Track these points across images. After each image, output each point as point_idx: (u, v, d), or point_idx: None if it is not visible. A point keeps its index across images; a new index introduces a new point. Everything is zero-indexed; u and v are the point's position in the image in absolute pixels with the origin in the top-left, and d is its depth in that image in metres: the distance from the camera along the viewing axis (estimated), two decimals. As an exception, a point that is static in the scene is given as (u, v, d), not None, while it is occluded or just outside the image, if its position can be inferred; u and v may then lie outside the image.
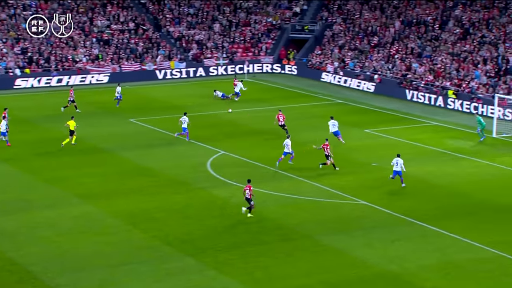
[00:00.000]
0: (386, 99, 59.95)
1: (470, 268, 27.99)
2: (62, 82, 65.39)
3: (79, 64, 67.43)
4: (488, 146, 45.49)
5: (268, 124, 50.27)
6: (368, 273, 27.60)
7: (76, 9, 72.76)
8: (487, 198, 35.85)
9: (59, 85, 64.89)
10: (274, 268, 28.01)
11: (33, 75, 65.28)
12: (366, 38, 69.61)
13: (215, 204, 35.16)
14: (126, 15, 74.09)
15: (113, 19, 73.21)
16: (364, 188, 37.38)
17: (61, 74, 66.13)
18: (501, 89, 54.47)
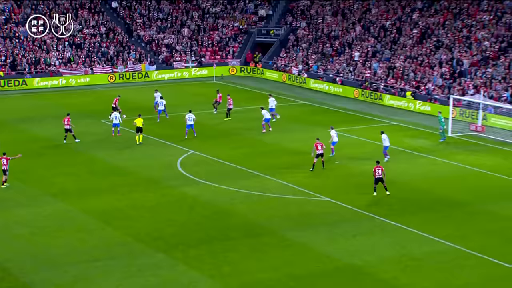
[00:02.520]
0: (348, 100, 60.33)
1: (427, 260, 28.33)
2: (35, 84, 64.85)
3: (52, 67, 66.88)
4: (444, 144, 46.02)
5: (235, 124, 50.44)
6: (332, 267, 27.81)
7: (49, 13, 72.11)
8: (443, 194, 36.29)
9: (33, 88, 64.33)
10: (242, 263, 28.08)
11: (5, 78, 64.59)
12: (329, 42, 70.00)
13: (185, 201, 35.15)
14: (97, 19, 73.62)
15: (85, 23, 72.69)
16: (327, 185, 37.61)
17: (34, 77, 65.55)
18: (456, 91, 55.12)
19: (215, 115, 53.80)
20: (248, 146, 45.37)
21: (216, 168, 40.68)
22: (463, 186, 37.52)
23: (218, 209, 34.06)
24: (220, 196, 35.89)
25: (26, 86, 64.94)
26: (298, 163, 41.36)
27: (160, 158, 42.49)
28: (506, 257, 28.36)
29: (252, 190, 36.77)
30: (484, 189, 37.06)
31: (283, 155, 43.26)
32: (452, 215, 33.42)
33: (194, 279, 26.64)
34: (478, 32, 60.57)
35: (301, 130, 49.25)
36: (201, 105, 57.13)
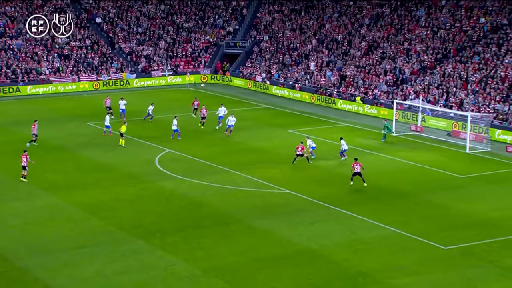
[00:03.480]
0: (306, 104, 60.50)
1: (374, 244, 28.52)
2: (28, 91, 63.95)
3: (42, 76, 66.05)
4: (389, 143, 46.37)
5: (207, 126, 50.24)
6: (292, 250, 27.86)
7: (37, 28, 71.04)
8: (388, 186, 36.57)
9: (26, 94, 63.43)
10: (213, 248, 28.01)
11: (1, 85, 63.58)
12: (288, 53, 70.14)
13: (162, 194, 34.94)
14: (83, 33, 72.80)
15: (72, 37, 71.84)
16: (288, 179, 37.67)
17: (27, 84, 64.64)
18: (398, 96, 55.57)
19: (189, 118, 53.47)
20: (219, 145, 45.27)
21: (191, 165, 40.51)
22: (405, 179, 37.86)
23: (192, 201, 33.94)
24: (194, 190, 35.76)
25: (20, 92, 64.02)
26: (262, 160, 41.38)
27: (140, 156, 42.17)
28: (443, 240, 28.69)
29: (222, 184, 36.69)
30: (423, 182, 37.44)
31: (249, 153, 43.25)
32: (397, 204, 33.69)
33: (171, 263, 26.50)
34: (417, 45, 61.18)
35: (264, 131, 49.27)
36: (177, 109, 56.80)
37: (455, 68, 55.87)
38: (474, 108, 49.69)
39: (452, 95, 52.85)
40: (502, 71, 52.81)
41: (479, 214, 32.05)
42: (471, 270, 25.87)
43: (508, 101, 49.56)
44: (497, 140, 46.28)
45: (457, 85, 53.85)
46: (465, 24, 60.64)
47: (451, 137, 47.45)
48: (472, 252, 27.49)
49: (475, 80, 53.31)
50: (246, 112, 56.10)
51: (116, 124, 47.59)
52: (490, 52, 55.59)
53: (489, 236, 29.16)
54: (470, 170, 39.72)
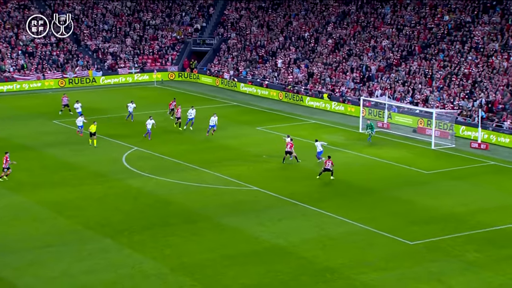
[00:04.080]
0: (274, 101, 60.62)
1: (342, 239, 28.74)
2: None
3: (6, 73, 64.99)
4: (356, 140, 46.70)
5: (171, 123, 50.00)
6: (260, 247, 27.92)
7: (3, 25, 70.02)
8: (355, 182, 36.86)
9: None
10: (181, 246, 27.93)
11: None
12: (255, 51, 70.19)
13: (130, 192, 34.71)
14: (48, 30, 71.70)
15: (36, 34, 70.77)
16: (256, 176, 37.72)
17: (-9, 82, 63.64)
18: (365, 93, 56.02)
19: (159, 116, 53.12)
20: (187, 143, 45.11)
21: (158, 162, 40.31)
22: (372, 176, 38.19)
23: (160, 199, 33.78)
24: (161, 187, 35.60)
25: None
26: (230, 157, 41.37)
27: (107, 155, 41.81)
28: (409, 235, 29.03)
29: (190, 181, 36.59)
30: (390, 178, 37.82)
31: (217, 150, 43.19)
32: (364, 200, 33.98)
33: (139, 261, 26.35)
34: (383, 42, 61.74)
35: (232, 128, 49.22)
36: (144, 107, 56.43)
37: (420, 65, 56.54)
38: (439, 105, 50.36)
39: (418, 92, 53.48)
40: (465, 68, 53.62)
41: (445, 210, 32.52)
42: (436, 265, 26.23)
43: (472, 98, 50.34)
44: (461, 136, 46.99)
45: (422, 82, 54.51)
46: (429, 22, 61.40)
47: (417, 134, 48.01)
48: (438, 247, 27.88)
49: (440, 77, 54.03)
50: (214, 109, 55.94)
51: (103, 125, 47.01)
52: (454, 50, 56.38)
53: (454, 231, 29.61)
54: (435, 166, 40.26)
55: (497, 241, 28.65)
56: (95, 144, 43.02)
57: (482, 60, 53.70)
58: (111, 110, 54.93)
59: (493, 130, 46.49)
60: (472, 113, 48.72)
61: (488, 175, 38.75)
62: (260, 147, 43.90)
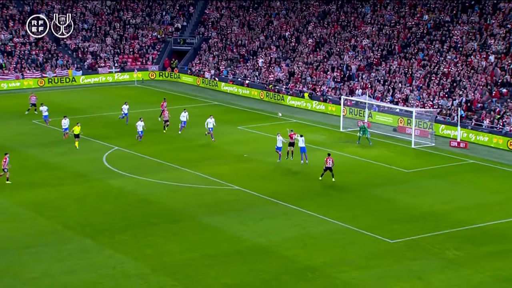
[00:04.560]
0: (255, 100, 60.66)
1: (323, 238, 28.85)
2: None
3: (-15, 72, 64.40)
4: (337, 138, 46.88)
5: (156, 124, 49.87)
6: (242, 246, 27.94)
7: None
8: (336, 181, 36.89)
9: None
10: (162, 246, 27.87)
11: None
12: (236, 50, 70.19)
13: (110, 192, 34.55)
14: (27, 30, 71.13)
15: (15, 33, 70.21)
16: (237, 175, 37.73)
17: (-31, 81, 62.93)
18: (346, 92, 56.22)
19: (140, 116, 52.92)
20: (168, 142, 44.99)
21: (139, 162, 40.16)
22: (353, 174, 38.35)
23: (141, 199, 33.67)
24: (142, 187, 35.49)
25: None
26: (211, 157, 41.34)
27: (87, 154, 41.58)
28: (389, 234, 29.22)
29: (171, 181, 36.51)
30: (370, 176, 38.02)
31: (199, 149, 43.14)
32: (344, 199, 34.14)
33: (120, 261, 26.25)
34: (363, 42, 62.03)
35: (214, 128, 49.04)
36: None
37: (400, 65, 56.89)
38: (418, 104, 50.71)
39: (398, 91, 53.80)
40: (445, 67, 54.04)
41: (425, 208, 32.76)
42: (416, 263, 26.43)
43: (451, 97, 50.76)
44: (441, 135, 47.37)
45: (402, 81, 54.84)
46: (409, 21, 61.80)
47: (397, 133, 48.30)
48: (418, 245, 28.09)
49: (420, 76, 54.40)
50: (195, 109, 55.86)
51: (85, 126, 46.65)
52: (434, 49, 56.80)
53: (434, 229, 29.85)
54: (415, 164, 40.54)
55: (476, 239, 28.93)
56: (77, 146, 42.45)
57: (461, 59, 54.17)
58: (91, 110, 54.62)
59: (472, 128, 46.92)
60: (452, 112, 49.13)
61: (467, 173, 39.11)
62: (241, 146, 43.90)
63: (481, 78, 51.19)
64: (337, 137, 47.30)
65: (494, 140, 45.13)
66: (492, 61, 52.43)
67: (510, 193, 35.32)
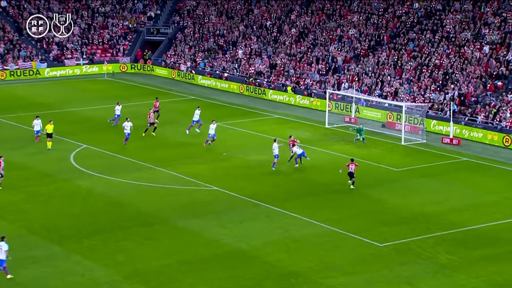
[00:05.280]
0: (234, 95, 60.65)
1: (308, 242, 28.96)
2: None
3: None
4: (322, 135, 47.05)
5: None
6: (221, 251, 27.97)
7: None
8: (322, 181, 37.12)
9: None
10: (135, 251, 27.79)
11: None
12: (214, 40, 70.11)
13: (78, 194, 34.39)
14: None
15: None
16: (216, 175, 37.72)
17: None
18: (331, 86, 56.41)
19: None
20: (140, 139, 44.82)
21: (109, 161, 40.00)
22: (339, 173, 38.40)
23: (111, 201, 33.56)
24: (113, 188, 35.36)
25: None
26: (188, 155, 41.30)
27: (54, 153, 41.31)
28: (378, 237, 29.39)
29: (143, 181, 36.41)
30: (358, 176, 38.09)
31: (174, 148, 43.05)
32: (330, 200, 34.27)
33: (89, 268, 26.14)
34: (350, 32, 62.29)
35: (190, 124, 49.00)
36: (93, 101, 56.01)
37: (389, 56, 57.20)
38: (409, 98, 51.05)
39: (387, 84, 54.09)
40: (437, 58, 54.44)
41: (415, 209, 33.00)
42: (406, 268, 26.62)
43: (443, 90, 51.14)
44: (432, 131, 47.72)
45: (391, 74, 55.16)
46: (398, 10, 62.16)
47: (386, 129, 48.59)
48: (408, 249, 28.30)
49: (410, 68, 54.74)
50: (170, 104, 55.77)
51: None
52: (425, 39, 57.19)
53: (425, 232, 30.08)
54: (405, 163, 40.82)
55: (470, 242, 29.20)
56: (50, 147, 41.40)
57: (453, 50, 54.61)
58: (57, 105, 54.25)
59: (466, 124, 47.33)
60: (444, 106, 49.51)
61: (460, 172, 39.45)
62: (220, 144, 43.87)
63: (475, 70, 51.66)
64: (322, 133, 47.47)
65: (489, 136, 45.58)
66: (487, 52, 52.92)
67: (506, 193, 35.67)
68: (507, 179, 38.33)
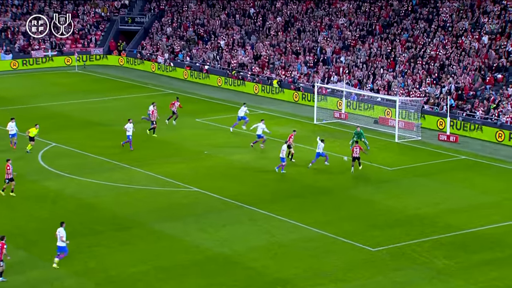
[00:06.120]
0: (215, 89, 60.59)
1: (296, 247, 29.00)
2: None
3: None
4: (310, 132, 47.09)
5: (100, 116, 49.47)
6: (201, 257, 27.95)
7: None
8: (310, 181, 37.18)
9: None
10: (109, 257, 27.71)
11: None
12: (193, 29, 69.99)
13: (47, 196, 34.23)
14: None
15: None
16: (196, 175, 37.69)
17: None
18: (319, 79, 56.48)
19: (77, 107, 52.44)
20: (114, 138, 44.64)
21: (80, 160, 39.86)
22: (329, 173, 38.53)
23: (83, 203, 33.45)
24: (85, 189, 35.22)
25: None
26: (166, 154, 41.24)
27: (20, 152, 41.05)
28: (370, 241, 29.50)
29: (118, 182, 36.31)
30: (349, 175, 38.26)
31: (151, 146, 42.95)
32: (319, 201, 34.35)
33: (58, 276, 26.03)
34: (339, 20, 62.41)
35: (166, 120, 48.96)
36: (63, 95, 55.73)
37: (381, 47, 57.38)
38: (403, 92, 51.25)
39: (379, 77, 54.27)
40: (432, 50, 54.69)
41: (410, 211, 33.16)
42: (401, 274, 26.74)
43: (439, 84, 51.37)
44: (428, 128, 47.94)
45: (383, 66, 55.35)
46: (392, -2, 62.36)
47: (379, 125, 48.76)
48: (403, 253, 28.42)
49: (403, 60, 54.96)
50: (145, 98, 55.62)
51: None
52: (419, 29, 57.44)
53: (420, 235, 30.23)
54: (399, 161, 40.99)
55: (468, 246, 29.39)
56: (29, 149, 40.65)
57: (450, 40, 54.90)
58: (23, 100, 53.94)
59: (464, 120, 47.59)
60: (440, 101, 49.76)
61: (457, 171, 39.69)
62: (200, 142, 43.85)
63: (473, 62, 51.96)
64: (310, 130, 47.54)
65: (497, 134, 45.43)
66: (486, 42, 53.25)
67: (506, 193, 35.93)
68: (507, 178, 38.61)
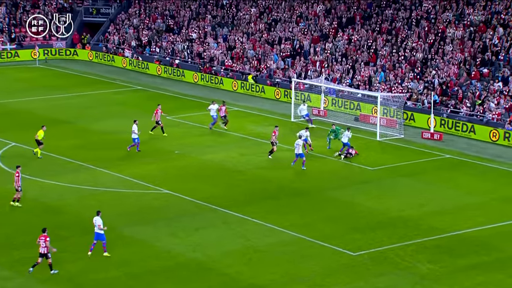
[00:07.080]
0: (187, 84, 60.57)
1: (272, 251, 29.19)
2: None
3: None
4: (287, 130, 47.21)
5: (63, 113, 49.30)
6: (173, 263, 28.06)
7: None
8: (286, 182, 37.37)
9: None
10: (75, 264, 27.72)
11: None
12: (161, 20, 69.90)
13: (7, 200, 34.07)
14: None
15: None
16: (167, 176, 37.73)
17: None
18: (296, 72, 56.65)
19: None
20: (78, 137, 44.59)
21: (43, 161, 39.71)
22: (306, 173, 38.73)
23: (46, 207, 33.41)
24: (48, 192, 35.15)
25: None
26: (134, 154, 41.19)
27: (-23, 152, 40.93)
28: (351, 245, 29.76)
29: (83, 184, 36.26)
30: (328, 175, 38.52)
31: (118, 146, 42.84)
32: (296, 203, 34.54)
33: (21, 284, 26.00)
34: (316, 7, 62.57)
35: (137, 118, 48.85)
36: (23, 92, 55.41)
37: (360, 39, 57.66)
38: (384, 87, 51.63)
39: (358, 72, 54.55)
40: (414, 42, 55.07)
41: (392, 213, 33.47)
42: (383, 279, 27.03)
43: (422, 78, 51.76)
44: (411, 125, 48.35)
45: (363, 60, 55.66)
46: (372, -13, 62.74)
47: (359, 122, 49.06)
48: (385, 258, 28.73)
49: (385, 53, 55.31)
50: (112, 95, 55.54)
51: None
52: (401, 20, 57.83)
53: (403, 239, 30.55)
54: (381, 161, 41.33)
55: (453, 249, 29.76)
56: (39, 154, 40.19)
57: (433, 32, 55.35)
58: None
59: (448, 116, 48.06)
60: (423, 96, 50.20)
61: (442, 170, 40.10)
62: (171, 141, 43.87)
63: (456, 54, 52.36)
64: (287, 128, 47.66)
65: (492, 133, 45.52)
66: (470, 34, 53.73)
67: (493, 194, 36.36)
68: (493, 177, 39.06)
